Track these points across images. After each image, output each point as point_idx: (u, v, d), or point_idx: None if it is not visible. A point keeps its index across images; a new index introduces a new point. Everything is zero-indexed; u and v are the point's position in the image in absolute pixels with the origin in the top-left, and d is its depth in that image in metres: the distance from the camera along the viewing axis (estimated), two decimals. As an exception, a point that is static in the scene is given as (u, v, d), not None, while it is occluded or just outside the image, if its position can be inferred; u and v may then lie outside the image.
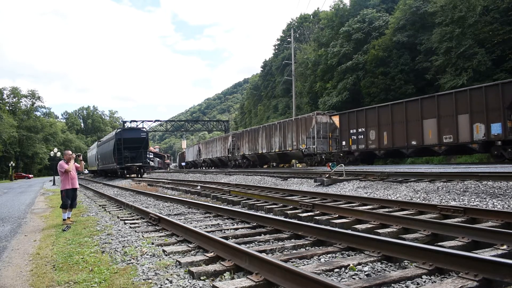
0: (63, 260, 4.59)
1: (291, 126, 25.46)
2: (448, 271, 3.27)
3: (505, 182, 8.05)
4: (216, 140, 40.32)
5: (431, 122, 17.09)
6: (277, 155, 27.45)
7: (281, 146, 26.55)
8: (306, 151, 23.72)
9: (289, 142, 25.54)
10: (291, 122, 25.88)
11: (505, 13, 23.37)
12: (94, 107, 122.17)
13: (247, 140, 31.72)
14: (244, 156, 32.23)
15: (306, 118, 24.38)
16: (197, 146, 48.24)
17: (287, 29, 63.35)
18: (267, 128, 29.02)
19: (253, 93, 74.39)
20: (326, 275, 3.42)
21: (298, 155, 25.32)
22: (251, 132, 31.65)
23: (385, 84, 31.11)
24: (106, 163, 35.45)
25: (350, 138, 21.40)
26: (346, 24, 37.63)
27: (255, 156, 30.62)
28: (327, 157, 23.50)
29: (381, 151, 19.69)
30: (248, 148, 31.51)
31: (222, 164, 38.61)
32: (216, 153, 38.87)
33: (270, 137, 27.99)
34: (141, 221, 7.29)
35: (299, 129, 24.52)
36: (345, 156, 22.05)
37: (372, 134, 20.09)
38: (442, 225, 4.89)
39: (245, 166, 32.13)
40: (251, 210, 8.28)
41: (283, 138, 26.29)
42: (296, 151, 24.90)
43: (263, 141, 28.98)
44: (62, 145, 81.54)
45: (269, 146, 28.08)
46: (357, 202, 8.04)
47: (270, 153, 28.14)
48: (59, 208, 8.50)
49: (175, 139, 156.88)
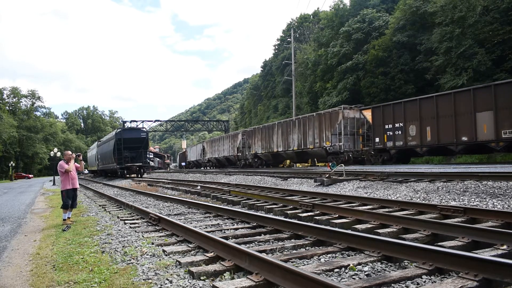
0: (63, 260, 4.59)
1: (313, 122, 23.54)
2: (448, 271, 3.27)
3: (505, 182, 8.06)
4: (223, 139, 38.20)
5: (486, 115, 15.29)
6: (295, 153, 25.50)
7: (300, 144, 24.58)
8: (331, 149, 21.88)
9: (310, 139, 23.63)
10: (313, 117, 23.90)
11: (505, 13, 23.36)
12: (94, 107, 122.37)
13: (260, 137, 29.75)
14: (256, 155, 30.38)
15: (331, 113, 22.38)
16: (201, 145, 46.54)
17: (287, 29, 63.35)
18: (283, 125, 27.00)
19: (253, 93, 74.40)
20: (326, 275, 3.42)
21: (321, 154, 23.50)
22: (265, 129, 29.54)
23: (385, 84, 31.11)
24: (106, 163, 35.46)
25: (385, 134, 19.43)
26: (346, 24, 37.64)
27: (268, 155, 28.83)
28: (354, 156, 21.91)
29: (423, 148, 17.80)
30: (261, 146, 29.59)
31: (229, 164, 36.76)
32: (223, 152, 36.95)
33: (287, 134, 26.02)
34: (141, 221, 7.29)
35: (322, 125, 22.60)
36: (378, 154, 20.24)
37: (412, 129, 18.10)
38: (442, 225, 4.89)
39: (256, 166, 30.45)
40: (251, 210, 8.28)
41: (302, 135, 24.34)
42: (318, 149, 23.08)
43: (279, 139, 27.01)
44: (62, 145, 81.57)
45: (286, 144, 26.15)
46: (357, 202, 8.04)
47: (287, 151, 26.21)
48: (60, 208, 8.50)
49: (175, 139, 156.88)
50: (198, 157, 46.77)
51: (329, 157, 22.54)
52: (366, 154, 21.15)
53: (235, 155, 34.18)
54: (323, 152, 22.74)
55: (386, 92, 30.61)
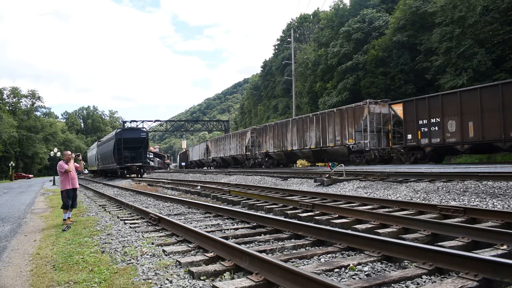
0: (63, 260, 4.59)
1: (333, 118, 21.97)
2: (448, 271, 3.27)
3: (505, 182, 8.06)
4: (229, 137, 36.30)
5: None
6: (312, 152, 23.97)
7: (318, 142, 23.05)
8: (355, 147, 20.43)
9: (330, 137, 22.12)
10: (333, 113, 22.30)
11: (505, 13, 23.37)
12: (94, 107, 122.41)
13: (272, 135, 28.00)
14: (268, 154, 28.76)
15: (355, 108, 20.80)
16: (204, 144, 44.91)
17: (287, 29, 63.37)
18: (299, 122, 25.31)
19: (253, 93, 74.42)
20: (326, 275, 3.42)
21: (342, 152, 21.92)
22: (278, 126, 27.71)
23: (385, 84, 31.12)
24: (106, 163, 35.46)
25: (418, 131, 17.89)
26: (346, 24, 37.65)
27: (281, 154, 27.22)
28: (380, 154, 20.41)
29: (464, 145, 16.39)
30: (272, 144, 27.92)
31: (236, 163, 35.37)
32: (230, 151, 35.29)
33: (303, 132, 24.40)
34: (141, 221, 7.29)
35: (345, 122, 21.11)
36: (409, 152, 18.70)
37: (451, 124, 16.60)
38: (442, 225, 4.89)
39: (267, 165, 28.88)
40: (251, 210, 8.28)
41: (321, 132, 22.81)
42: (339, 148, 21.62)
43: (294, 137, 25.40)
44: (62, 145, 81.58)
45: (302, 142, 24.54)
46: (357, 202, 8.04)
47: (303, 150, 24.60)
48: (60, 209, 8.50)
49: (175, 139, 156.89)
50: (201, 156, 45.52)
51: (352, 156, 21.23)
52: (396, 153, 19.50)
53: (243, 154, 32.65)
54: (345, 150, 21.37)
55: (386, 92, 30.61)
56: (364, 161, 20.44)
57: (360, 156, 20.60)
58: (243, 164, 33.11)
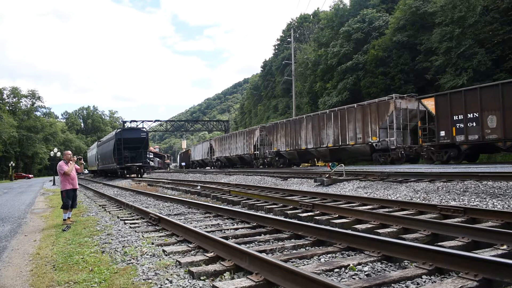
0: (63, 260, 4.59)
1: (354, 115, 20.65)
2: (448, 271, 3.27)
3: (505, 182, 8.06)
4: (236, 136, 34.73)
5: None
6: (330, 151, 22.63)
7: (336, 140, 21.73)
8: (379, 146, 19.13)
9: (351, 134, 20.78)
10: (354, 109, 20.92)
11: (505, 13, 23.38)
12: (94, 107, 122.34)
13: (284, 133, 26.58)
14: (279, 153, 27.30)
15: (379, 103, 19.42)
16: (208, 143, 43.46)
17: (287, 29, 63.39)
18: (314, 118, 23.91)
19: (253, 93, 74.45)
20: (326, 275, 3.42)
21: (363, 151, 20.72)
22: (290, 124, 26.24)
23: (385, 84, 31.12)
24: (106, 163, 35.47)
25: (453, 127, 16.66)
26: (346, 24, 37.65)
27: (294, 153, 25.80)
28: (407, 152, 19.07)
29: (507, 142, 15.20)
30: (285, 143, 26.49)
31: (243, 163, 34.12)
32: (236, 151, 33.82)
33: (320, 129, 23.05)
34: (141, 221, 7.29)
35: (367, 118, 19.80)
36: (441, 151, 17.38)
37: (491, 120, 15.34)
38: (442, 225, 4.89)
39: (278, 165, 27.51)
40: (251, 210, 8.27)
41: (340, 129, 21.50)
42: (360, 146, 20.33)
43: (309, 134, 24.04)
44: (62, 145, 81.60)
45: (318, 140, 23.16)
46: (357, 202, 8.04)
47: (319, 149, 23.22)
48: (60, 209, 8.49)
49: (175, 139, 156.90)
50: (205, 156, 44.27)
51: (375, 154, 19.92)
52: (426, 151, 18.06)
53: (251, 154, 31.10)
54: (367, 149, 20.10)
55: (386, 92, 30.59)
56: (389, 160, 19.15)
57: (385, 154, 19.31)
58: (251, 164, 32.03)
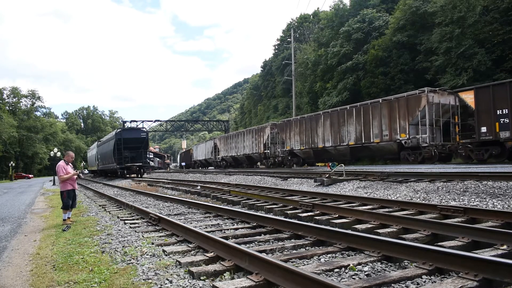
0: (63, 260, 4.59)
1: (379, 110, 19.30)
2: (448, 271, 3.27)
3: (505, 182, 8.05)
4: (243, 134, 33.25)
5: None
6: (350, 149, 21.35)
7: (359, 138, 20.41)
8: (409, 143, 17.76)
9: (375, 131, 19.45)
10: (379, 104, 19.51)
11: (505, 13, 23.38)
12: (94, 107, 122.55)
13: (298, 131, 25.24)
14: (292, 152, 25.95)
15: (409, 98, 18.04)
16: (212, 142, 41.98)
17: (287, 29, 63.39)
18: (333, 115, 22.56)
19: (253, 93, 74.46)
20: (326, 275, 3.42)
21: (390, 149, 19.32)
22: (305, 120, 24.87)
23: (385, 84, 31.13)
24: (106, 163, 35.47)
25: (496, 122, 15.43)
26: (346, 24, 37.66)
27: (310, 152, 24.48)
28: (439, 150, 17.50)
29: None
30: (299, 141, 25.14)
31: (251, 163, 32.79)
32: (244, 150, 32.40)
33: (339, 126, 21.74)
34: (141, 221, 7.29)
35: (395, 113, 18.45)
36: (482, 148, 16.22)
37: None
38: (442, 225, 4.89)
39: (291, 164, 26.22)
40: (251, 210, 8.28)
41: (363, 126, 20.14)
42: (387, 144, 18.97)
43: (327, 132, 22.72)
44: (62, 145, 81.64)
45: (338, 137, 21.84)
46: (357, 202, 8.04)
47: (338, 147, 21.90)
48: (60, 209, 8.49)
49: (175, 139, 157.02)
50: (208, 155, 42.75)
51: (404, 153, 18.57)
52: (464, 149, 16.84)
53: (260, 153, 29.63)
54: (394, 147, 18.77)
55: (386, 92, 30.63)
56: (420, 159, 17.74)
57: (415, 153, 18.00)
58: (261, 163, 30.78)
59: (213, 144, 40.75)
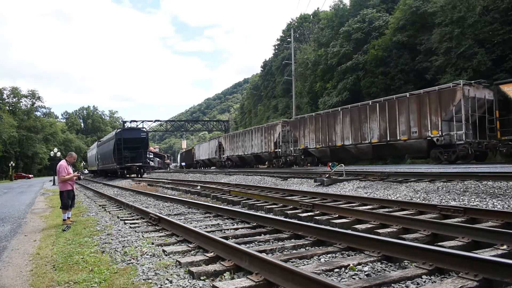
0: (63, 260, 4.59)
1: (407, 105, 18.00)
2: (448, 271, 3.27)
3: (505, 182, 8.06)
4: (251, 132, 31.76)
5: None
6: (373, 148, 20.06)
7: (383, 135, 19.09)
8: (442, 141, 16.54)
9: (403, 128, 18.09)
10: (406, 99, 18.17)
11: (505, 13, 23.36)
12: (94, 107, 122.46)
13: (314, 128, 23.91)
14: (307, 151, 24.69)
15: (441, 92, 16.72)
16: (216, 141, 40.53)
17: (287, 29, 63.38)
18: (353, 111, 21.31)
19: (253, 93, 74.41)
20: (326, 275, 3.42)
21: (418, 147, 17.98)
22: (322, 117, 23.49)
23: (385, 84, 31.11)
24: (106, 163, 35.47)
25: None
26: (346, 24, 37.64)
27: (326, 151, 23.08)
28: (475, 148, 16.29)
29: None
30: (314, 139, 23.79)
31: (259, 162, 31.50)
32: (252, 149, 31.04)
33: (361, 123, 20.46)
34: (141, 221, 7.29)
35: (425, 108, 17.17)
36: None
37: None
38: (442, 225, 4.89)
39: (305, 164, 24.95)
40: (251, 210, 8.28)
41: (387, 123, 18.84)
42: (416, 141, 17.69)
43: (346, 129, 21.45)
44: (62, 145, 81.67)
45: (359, 135, 20.60)
46: (357, 202, 8.04)
47: (359, 145, 20.67)
48: (60, 209, 8.49)
49: (175, 139, 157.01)
50: (212, 155, 41.35)
51: (435, 151, 17.21)
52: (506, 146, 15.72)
53: (270, 152, 28.18)
54: (424, 144, 17.51)
55: (386, 92, 30.61)
56: (454, 157, 16.40)
57: (448, 151, 16.66)
58: (271, 163, 29.53)
59: (218, 143, 39.36)
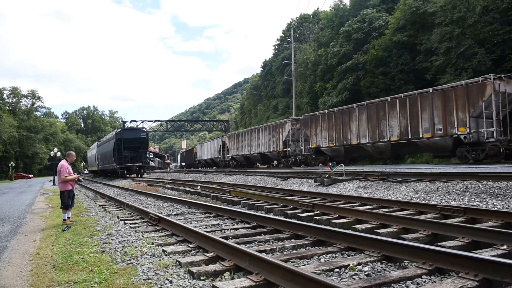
0: (63, 260, 4.59)
1: (430, 101, 16.98)
2: (448, 271, 3.27)
3: (505, 182, 8.06)
4: (258, 131, 30.60)
5: None
6: (392, 146, 19.03)
7: (403, 133, 18.03)
8: (469, 138, 15.45)
9: (425, 125, 17.04)
10: (429, 94, 17.18)
11: (505, 13, 23.36)
12: (94, 107, 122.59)
13: (327, 126, 22.87)
14: (319, 150, 23.59)
15: (469, 86, 15.76)
16: (219, 140, 39.48)
17: (287, 29, 63.39)
18: (370, 107, 20.22)
19: (253, 93, 74.44)
20: (326, 275, 3.42)
21: (442, 145, 16.86)
22: (335, 115, 22.46)
23: (385, 84, 31.11)
24: (106, 163, 35.47)
25: None
26: (346, 24, 37.65)
27: (340, 150, 22.09)
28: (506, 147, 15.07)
29: None
30: (327, 138, 22.76)
31: (266, 162, 30.64)
32: (259, 148, 29.99)
33: (378, 120, 19.45)
34: (141, 221, 7.29)
35: (451, 104, 16.11)
36: None
37: None
38: (442, 225, 4.89)
39: (316, 164, 23.89)
40: (251, 210, 8.28)
41: (408, 120, 17.79)
42: (440, 139, 16.60)
43: (362, 127, 20.41)
44: (62, 145, 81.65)
45: (376, 133, 19.55)
46: (357, 202, 8.04)
47: (376, 143, 19.64)
48: (60, 209, 8.49)
49: (175, 139, 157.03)
50: (215, 155, 40.43)
51: (461, 150, 16.09)
52: None
53: (279, 151, 27.14)
54: (448, 142, 16.38)
55: (386, 92, 30.61)
56: (483, 156, 15.32)
57: (476, 150, 15.60)
58: (279, 162, 28.54)
59: (221, 142, 38.24)
